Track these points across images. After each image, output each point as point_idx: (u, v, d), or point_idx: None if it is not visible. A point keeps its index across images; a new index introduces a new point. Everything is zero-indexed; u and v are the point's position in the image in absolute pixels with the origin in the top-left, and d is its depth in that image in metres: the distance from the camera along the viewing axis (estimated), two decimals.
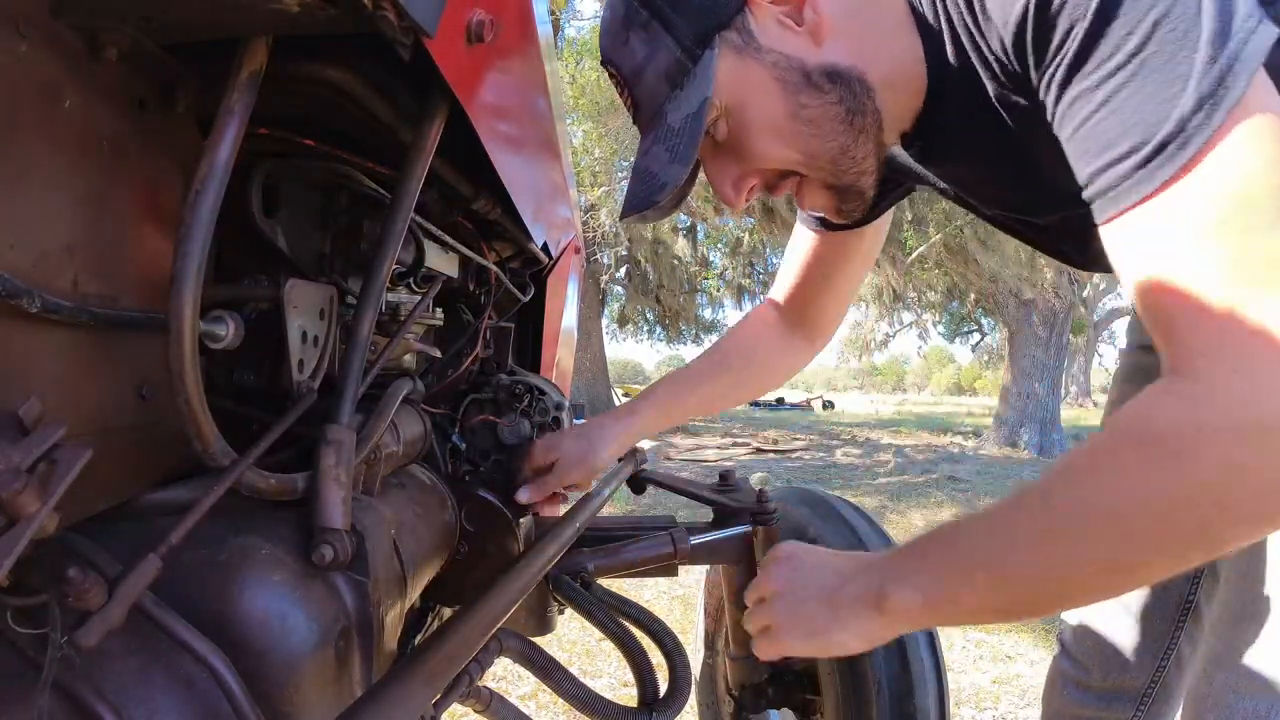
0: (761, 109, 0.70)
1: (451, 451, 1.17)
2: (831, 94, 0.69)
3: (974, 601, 0.62)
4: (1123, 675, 1.08)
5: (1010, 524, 0.60)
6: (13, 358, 0.43)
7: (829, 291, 1.12)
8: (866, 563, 0.73)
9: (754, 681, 1.40)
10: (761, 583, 0.80)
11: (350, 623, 0.62)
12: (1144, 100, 0.53)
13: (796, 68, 0.68)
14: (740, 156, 0.75)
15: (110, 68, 0.48)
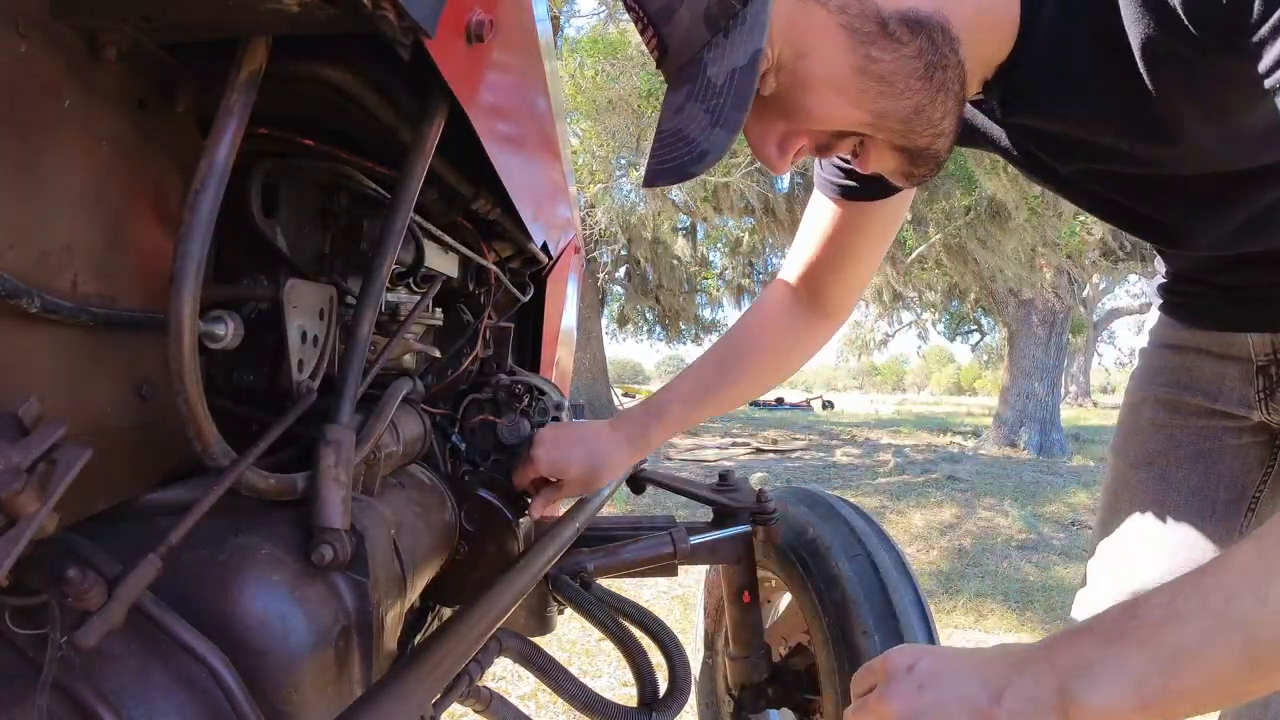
0: (823, 61, 0.60)
1: (451, 451, 1.17)
2: (910, 46, 0.59)
3: (1215, 690, 0.49)
4: None
5: (1255, 588, 0.48)
6: (12, 358, 0.43)
7: (850, 264, 1.02)
8: (1028, 660, 0.56)
9: (754, 681, 1.40)
10: (875, 708, 0.60)
11: (350, 622, 0.62)
12: None
13: (870, 13, 0.59)
14: (790, 114, 0.64)
15: (110, 68, 0.48)
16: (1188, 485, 0.92)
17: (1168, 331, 1.01)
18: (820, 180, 0.96)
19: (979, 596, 3.54)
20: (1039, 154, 0.78)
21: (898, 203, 0.97)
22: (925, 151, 0.65)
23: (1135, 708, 0.50)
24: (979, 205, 8.01)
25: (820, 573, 1.30)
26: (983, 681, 0.56)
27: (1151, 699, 0.49)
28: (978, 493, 6.22)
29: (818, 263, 1.04)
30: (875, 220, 0.97)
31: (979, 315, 16.71)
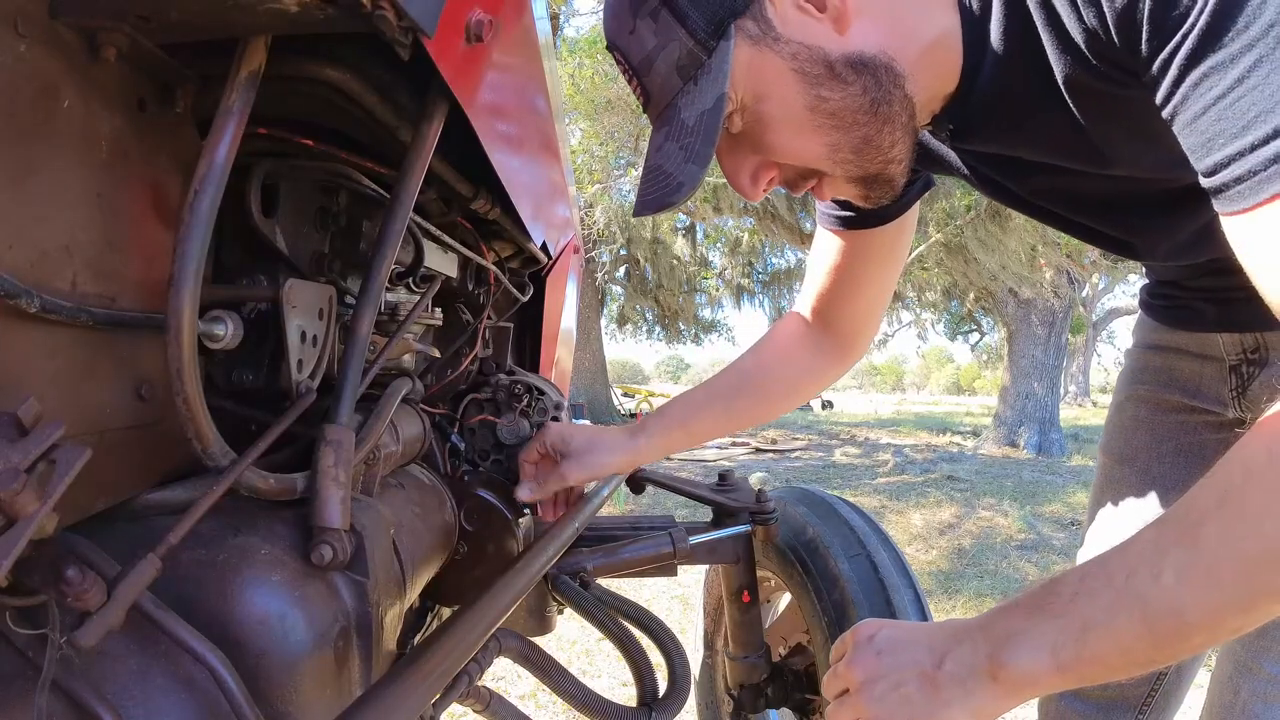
0: (780, 102, 0.66)
1: (450, 451, 1.17)
2: (855, 85, 0.65)
3: (1117, 657, 0.55)
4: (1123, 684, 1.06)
5: (1153, 565, 0.53)
6: (11, 358, 0.42)
7: (858, 295, 1.04)
8: (964, 630, 0.64)
9: (753, 681, 1.40)
10: (843, 673, 0.69)
11: (349, 623, 0.62)
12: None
13: (818, 58, 0.64)
14: (758, 148, 0.71)
15: (109, 68, 0.48)
16: (1170, 479, 0.95)
17: (1150, 333, 1.04)
18: (821, 215, 1.00)
19: (978, 596, 3.54)
20: (995, 176, 0.83)
21: (897, 229, 0.98)
22: (879, 177, 0.71)
23: (1053, 671, 0.57)
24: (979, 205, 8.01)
25: (820, 572, 1.30)
26: (929, 648, 0.64)
27: (1067, 664, 0.56)
28: (977, 492, 6.22)
29: (827, 294, 1.05)
30: (876, 247, 0.99)
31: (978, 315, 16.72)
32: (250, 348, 0.68)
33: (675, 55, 0.65)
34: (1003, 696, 0.60)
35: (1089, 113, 0.64)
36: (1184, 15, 0.51)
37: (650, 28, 0.66)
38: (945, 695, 0.61)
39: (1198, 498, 0.54)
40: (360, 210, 0.88)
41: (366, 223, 0.88)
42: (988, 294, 10.48)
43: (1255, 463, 0.51)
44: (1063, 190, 0.80)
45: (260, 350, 0.71)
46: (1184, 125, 0.54)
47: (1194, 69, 0.52)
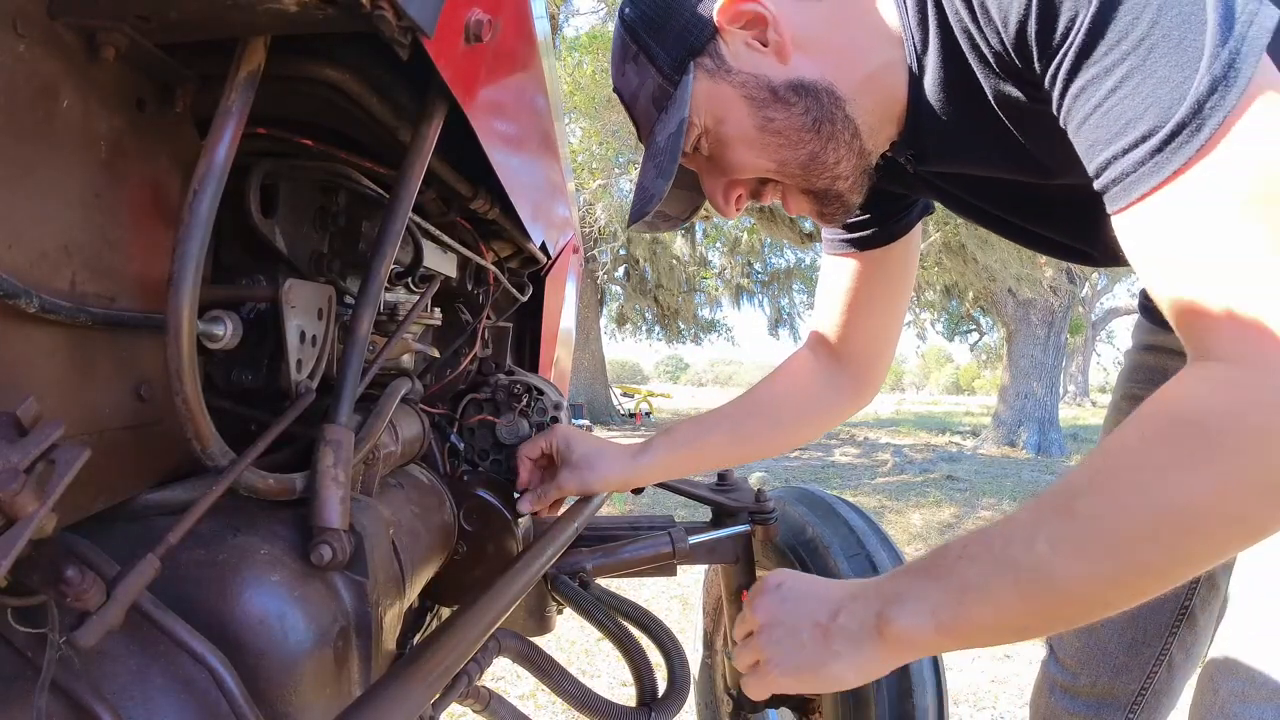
0: (735, 125, 0.75)
1: (450, 451, 1.17)
2: (797, 106, 0.73)
3: (992, 621, 0.58)
4: (1113, 681, 1.06)
5: (1028, 534, 0.56)
6: (10, 358, 0.42)
7: (866, 321, 1.06)
8: (862, 588, 0.68)
9: None
10: (748, 616, 0.74)
11: (349, 623, 0.62)
12: (1156, 85, 0.52)
13: (763, 85, 0.73)
14: (724, 169, 0.79)
15: (108, 68, 0.48)
16: None
17: (1146, 334, 1.07)
18: (826, 242, 1.05)
19: None
20: (964, 196, 0.88)
21: (901, 252, 1.02)
22: (828, 192, 0.78)
23: (933, 632, 0.60)
24: None
25: (819, 572, 1.30)
26: (827, 601, 0.69)
27: (946, 626, 0.60)
28: (976, 492, 6.23)
29: (836, 325, 1.07)
30: (880, 271, 1.02)
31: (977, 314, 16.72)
32: (249, 348, 0.68)
33: (651, 90, 0.77)
34: (887, 654, 0.64)
35: (1023, 127, 0.68)
36: (1065, 34, 0.56)
37: (634, 70, 0.77)
38: (835, 647, 0.66)
39: (1077, 474, 0.56)
40: (359, 210, 0.88)
41: (366, 223, 0.88)
42: (987, 293, 10.49)
43: (1128, 443, 0.53)
44: (1023, 204, 0.84)
45: (259, 350, 0.71)
46: (1074, 133, 0.58)
47: (1075, 81, 0.57)
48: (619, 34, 0.79)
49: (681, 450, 1.08)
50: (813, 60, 0.72)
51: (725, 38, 0.72)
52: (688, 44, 0.73)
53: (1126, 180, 0.54)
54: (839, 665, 0.66)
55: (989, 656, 2.84)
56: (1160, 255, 0.54)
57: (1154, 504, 0.50)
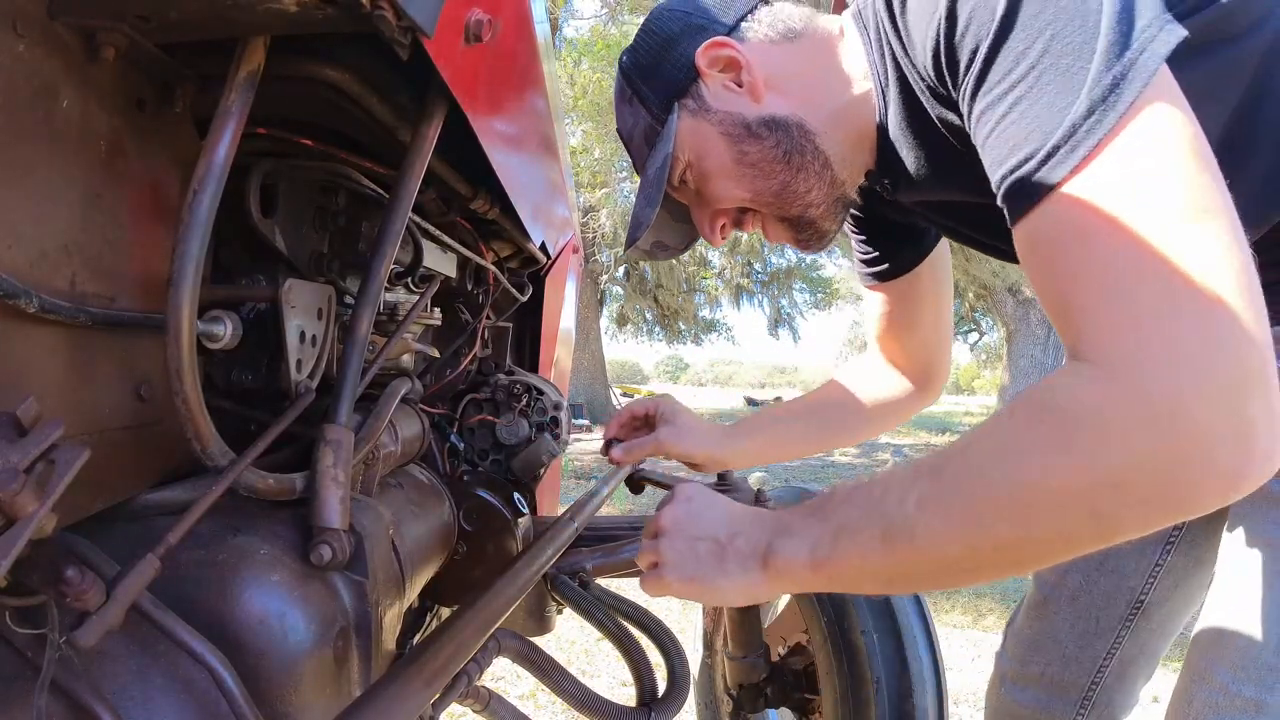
0: (714, 158, 0.82)
1: (450, 451, 1.17)
2: (769, 139, 0.79)
3: (858, 565, 0.62)
4: (1063, 671, 1.05)
5: (903, 489, 0.59)
6: (10, 357, 0.42)
7: (916, 333, 1.14)
8: (759, 516, 0.72)
9: (752, 681, 1.40)
10: (657, 518, 0.78)
11: (349, 623, 0.62)
12: (1041, 109, 0.55)
13: (738, 121, 0.80)
14: (708, 200, 0.87)
15: (108, 68, 0.48)
16: None
17: None
18: (860, 278, 1.14)
19: (977, 596, 3.54)
20: (944, 221, 0.93)
21: (928, 268, 1.08)
22: (802, 219, 0.85)
23: (808, 567, 0.64)
24: None
25: None
26: (728, 522, 0.73)
27: (820, 562, 0.64)
28: None
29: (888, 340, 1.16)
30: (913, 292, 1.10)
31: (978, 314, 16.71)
32: (249, 348, 0.68)
33: (643, 129, 0.85)
34: (769, 581, 0.68)
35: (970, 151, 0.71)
36: (968, 63, 0.61)
37: (629, 111, 0.87)
38: (727, 566, 0.70)
39: (958, 440, 0.59)
40: (359, 210, 0.88)
41: (365, 223, 0.88)
42: (987, 293, 10.49)
43: (1002, 420, 0.57)
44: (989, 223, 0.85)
45: (259, 350, 0.71)
46: (981, 156, 0.62)
47: (976, 106, 0.61)
48: (618, 79, 0.88)
49: (762, 436, 1.16)
50: (784, 98, 0.79)
51: (705, 81, 0.81)
52: (673, 87, 0.82)
53: (1013, 198, 0.58)
54: (727, 583, 0.70)
55: (989, 657, 2.84)
56: (1035, 269, 0.58)
57: (1009, 478, 0.53)
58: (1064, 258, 0.55)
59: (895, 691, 1.18)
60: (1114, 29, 0.54)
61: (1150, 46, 0.53)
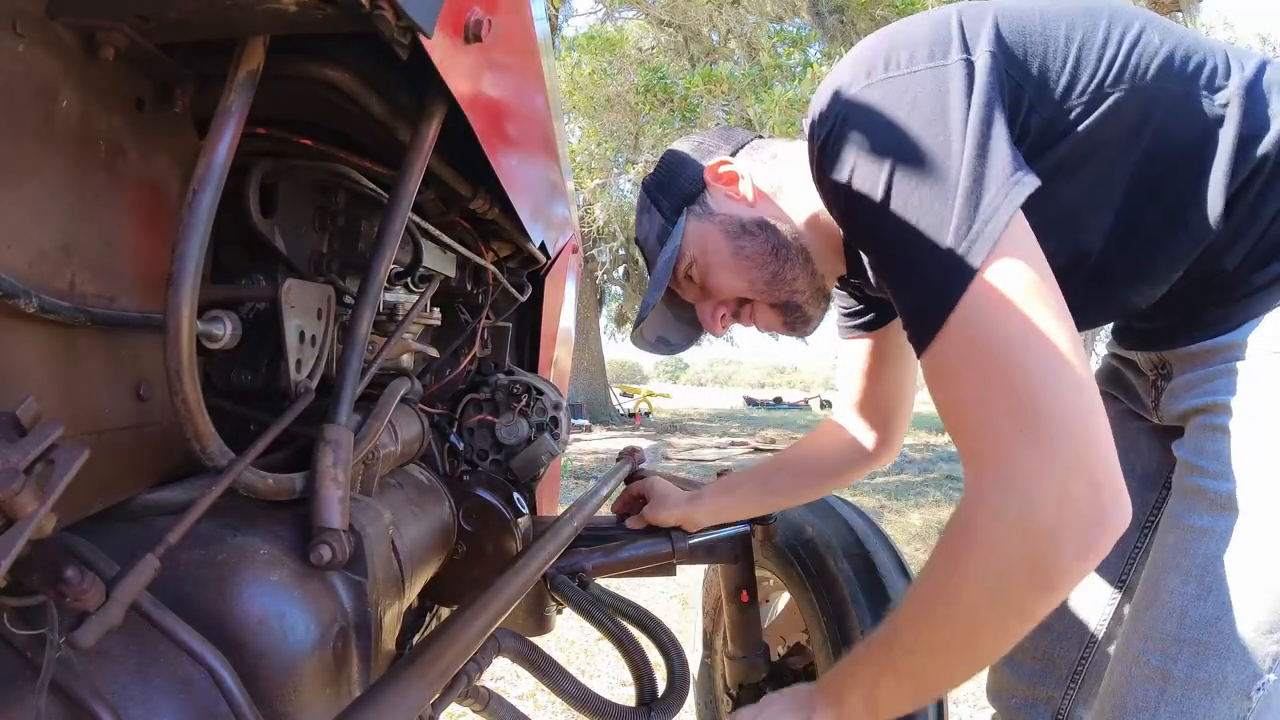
0: (715, 254, 0.97)
1: (449, 451, 1.17)
2: (760, 236, 0.95)
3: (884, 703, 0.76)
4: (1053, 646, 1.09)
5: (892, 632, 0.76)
6: (10, 357, 0.42)
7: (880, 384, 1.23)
8: (806, 692, 0.86)
9: (752, 680, 1.40)
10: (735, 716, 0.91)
11: (348, 623, 0.62)
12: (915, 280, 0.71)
13: (735, 221, 0.96)
14: (710, 292, 1.01)
15: (107, 68, 0.48)
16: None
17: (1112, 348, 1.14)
18: (839, 330, 1.26)
19: None
20: None
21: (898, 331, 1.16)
22: (789, 304, 0.99)
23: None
24: None
25: (819, 572, 1.30)
26: (786, 708, 0.86)
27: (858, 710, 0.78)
28: None
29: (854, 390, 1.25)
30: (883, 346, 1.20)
31: None
32: (249, 348, 0.68)
33: (656, 231, 1.02)
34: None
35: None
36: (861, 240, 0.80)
37: (646, 218, 1.04)
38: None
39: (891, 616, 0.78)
40: (359, 210, 0.88)
41: (365, 222, 0.88)
42: None
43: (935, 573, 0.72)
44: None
45: (259, 350, 0.71)
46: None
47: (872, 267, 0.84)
48: (640, 196, 1.06)
49: (721, 500, 1.29)
50: (771, 205, 0.97)
51: (711, 191, 0.98)
52: (684, 196, 0.99)
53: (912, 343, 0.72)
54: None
55: None
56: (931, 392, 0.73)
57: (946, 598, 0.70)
58: (941, 391, 0.70)
59: None
60: (964, 206, 0.66)
61: (995, 216, 0.65)
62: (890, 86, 0.72)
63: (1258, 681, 0.74)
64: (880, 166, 0.70)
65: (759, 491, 1.29)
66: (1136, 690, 0.79)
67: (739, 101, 8.88)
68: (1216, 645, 0.75)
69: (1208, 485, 0.77)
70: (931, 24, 0.76)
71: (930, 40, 0.74)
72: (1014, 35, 0.74)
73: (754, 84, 8.78)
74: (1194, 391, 0.82)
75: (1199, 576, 0.77)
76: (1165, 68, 0.75)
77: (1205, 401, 0.80)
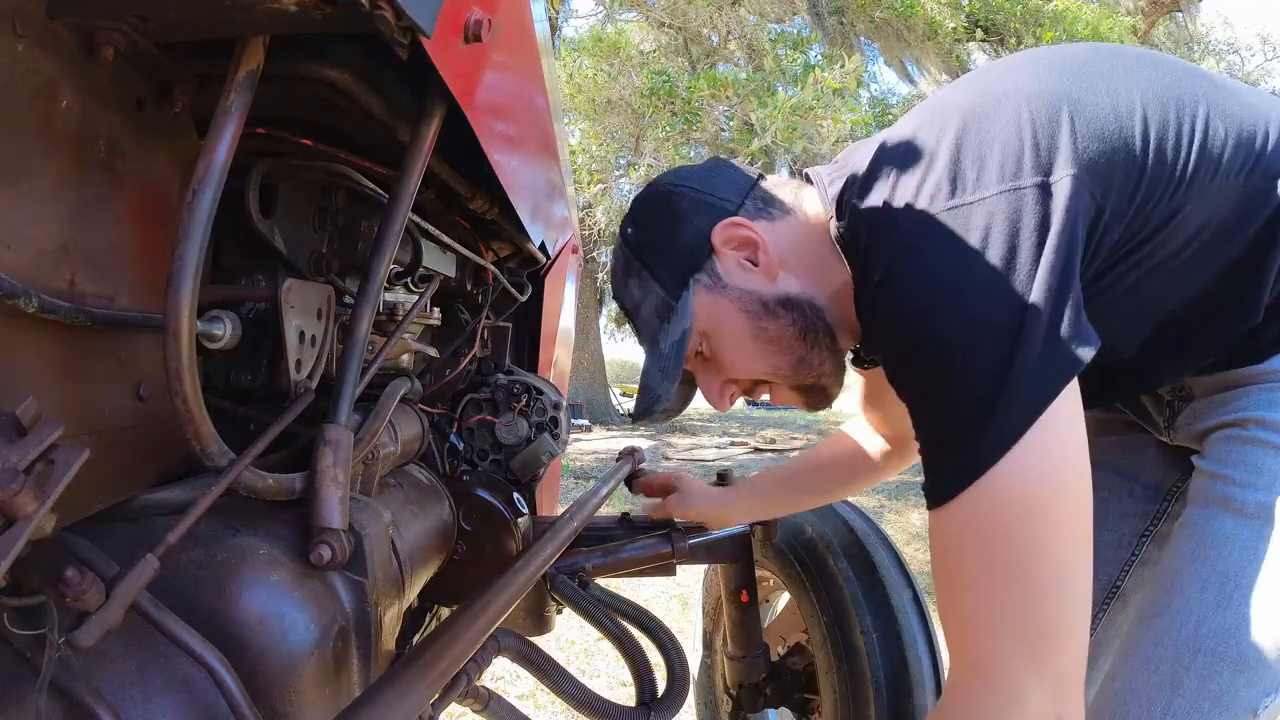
0: (732, 333, 0.84)
1: (449, 451, 1.17)
2: (786, 318, 0.83)
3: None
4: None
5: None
6: (10, 358, 0.42)
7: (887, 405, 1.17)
8: None
9: (752, 681, 1.40)
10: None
11: (348, 623, 0.62)
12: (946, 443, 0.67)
13: (756, 299, 0.83)
14: (722, 369, 0.89)
15: (107, 68, 0.48)
16: (1114, 464, 1.02)
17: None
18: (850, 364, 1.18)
19: None
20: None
21: None
22: (814, 387, 0.89)
23: None
24: None
25: (819, 572, 1.30)
26: None
27: None
28: None
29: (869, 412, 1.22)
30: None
31: None
32: (249, 348, 0.68)
33: (654, 303, 0.87)
34: None
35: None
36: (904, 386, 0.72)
37: (636, 284, 0.88)
38: None
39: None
40: (359, 210, 0.88)
41: (365, 223, 0.88)
42: None
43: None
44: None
45: (259, 350, 0.71)
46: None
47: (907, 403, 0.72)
48: (623, 253, 0.90)
49: (750, 500, 1.26)
50: (794, 276, 0.84)
51: (720, 257, 0.83)
52: (688, 262, 0.84)
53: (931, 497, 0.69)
54: None
55: None
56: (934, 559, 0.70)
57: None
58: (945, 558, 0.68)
59: (894, 690, 1.18)
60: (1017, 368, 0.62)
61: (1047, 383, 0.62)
62: (956, 220, 0.66)
63: (1265, 699, 0.72)
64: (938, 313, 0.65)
65: (793, 493, 1.27)
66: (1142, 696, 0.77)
67: (742, 105, 8.88)
68: (1232, 657, 0.73)
69: (1235, 494, 0.75)
70: (1001, 126, 0.68)
71: (1001, 152, 0.67)
72: (1093, 143, 0.68)
73: (757, 89, 8.77)
74: (1222, 409, 0.80)
75: (1219, 585, 0.74)
76: (1231, 161, 0.71)
77: (1234, 417, 0.78)
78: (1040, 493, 0.62)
